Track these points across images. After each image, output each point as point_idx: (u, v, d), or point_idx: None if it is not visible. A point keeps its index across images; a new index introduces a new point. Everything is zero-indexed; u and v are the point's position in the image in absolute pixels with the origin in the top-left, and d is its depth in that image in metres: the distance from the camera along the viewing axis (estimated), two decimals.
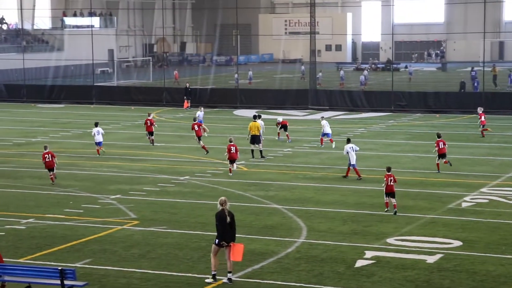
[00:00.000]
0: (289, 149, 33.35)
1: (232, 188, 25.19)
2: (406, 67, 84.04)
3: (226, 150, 27.63)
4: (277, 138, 35.55)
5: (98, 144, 32.00)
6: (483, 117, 36.46)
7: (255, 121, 31.66)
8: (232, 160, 27.51)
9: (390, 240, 18.79)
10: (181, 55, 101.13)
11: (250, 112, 35.42)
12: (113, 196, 23.96)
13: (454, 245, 18.39)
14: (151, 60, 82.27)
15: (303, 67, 66.78)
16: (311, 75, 52.12)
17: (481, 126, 36.32)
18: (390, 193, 21.65)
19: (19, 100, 55.18)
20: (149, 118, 34.13)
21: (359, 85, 60.10)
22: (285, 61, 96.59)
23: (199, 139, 32.80)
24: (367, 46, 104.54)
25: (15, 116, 44.74)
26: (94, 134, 32.04)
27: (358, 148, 26.87)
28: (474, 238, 18.89)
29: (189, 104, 50.36)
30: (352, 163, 26.27)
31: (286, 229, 20.02)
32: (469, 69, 66.77)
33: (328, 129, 33.76)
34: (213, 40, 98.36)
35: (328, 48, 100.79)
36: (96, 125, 32.34)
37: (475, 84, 55.08)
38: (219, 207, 15.63)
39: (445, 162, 27.66)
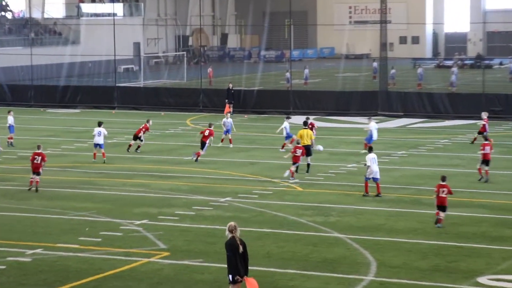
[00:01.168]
0: (353, 164, 33.14)
1: (284, 212, 25.11)
2: (501, 63, 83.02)
3: (292, 151, 30.24)
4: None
5: (98, 146, 33.77)
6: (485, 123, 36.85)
7: (306, 128, 31.95)
8: (295, 163, 30.01)
9: (482, 280, 18.46)
10: (221, 50, 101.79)
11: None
12: (138, 222, 24.08)
13: None
14: (185, 55, 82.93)
15: (375, 64, 66.41)
16: (382, 73, 51.84)
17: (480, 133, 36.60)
18: (441, 206, 22.83)
19: (25, 103, 56.16)
20: (147, 124, 36.59)
21: (445, 85, 59.50)
22: (350, 56, 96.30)
23: (202, 146, 34.04)
24: (451, 38, 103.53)
25: (21, 123, 45.51)
26: (95, 135, 33.66)
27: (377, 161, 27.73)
28: None
29: (231, 109, 50.53)
30: (375, 177, 27.11)
31: (350, 263, 19.83)
32: None
33: (375, 134, 34.02)
34: (261, 32, 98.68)
35: (403, 40, 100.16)
36: (99, 124, 33.89)
37: None
38: (228, 235, 15.79)
39: (486, 172, 29.25)
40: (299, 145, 30.40)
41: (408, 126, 45.42)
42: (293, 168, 30.12)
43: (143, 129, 36.85)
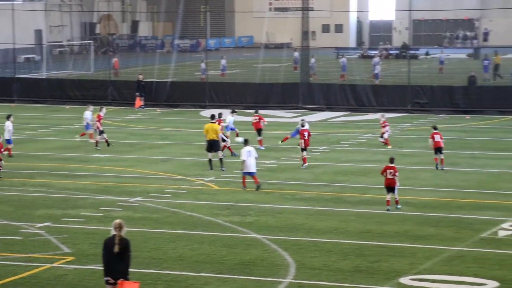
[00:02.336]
0: (273, 161, 33.48)
1: (199, 212, 25.24)
2: (427, 53, 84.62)
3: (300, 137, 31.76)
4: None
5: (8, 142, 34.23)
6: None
7: (213, 123, 32.18)
8: (303, 149, 31.86)
9: (405, 280, 18.89)
10: (132, 38, 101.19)
11: (223, 113, 35.56)
12: (40, 225, 23.88)
13: (488, 286, 18.53)
14: (92, 44, 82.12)
15: (296, 54, 66.98)
16: (303, 64, 52.36)
17: None
18: (389, 187, 24.65)
19: None
20: (101, 113, 35.69)
21: (369, 76, 60.47)
22: (269, 46, 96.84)
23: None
24: (376, 27, 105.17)
25: None
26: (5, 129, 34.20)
27: (257, 155, 28.66)
28: None
29: (142, 103, 50.39)
30: (250, 171, 27.99)
31: (268, 266, 20.06)
32: (510, 55, 67.52)
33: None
34: (174, 19, 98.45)
35: (326, 29, 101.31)
36: (8, 117, 34.82)
37: None
38: (112, 232, 15.92)
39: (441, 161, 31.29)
40: (304, 128, 32.26)
41: (330, 120, 46.05)
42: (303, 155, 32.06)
43: (99, 120, 36.36)
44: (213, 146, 31.54)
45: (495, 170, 31.34)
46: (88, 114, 37.58)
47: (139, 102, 50.41)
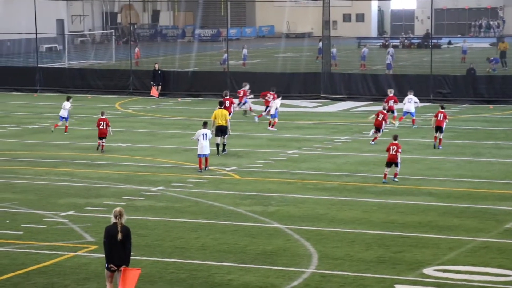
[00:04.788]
0: (294, 150, 33.47)
1: (221, 202, 25.27)
2: (449, 42, 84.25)
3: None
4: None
5: (63, 119, 37.41)
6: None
7: (221, 108, 32.96)
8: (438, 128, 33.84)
9: (428, 271, 18.84)
10: (153, 28, 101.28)
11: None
12: (64, 213, 23.99)
13: None
14: (113, 34, 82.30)
15: (320, 44, 66.44)
16: (324, 54, 52.25)
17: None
18: (390, 162, 27.01)
19: None
20: (102, 117, 33.73)
21: (385, 68, 60.17)
22: (290, 35, 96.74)
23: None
24: (398, 16, 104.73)
25: None
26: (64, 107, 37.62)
27: (211, 136, 30.03)
28: None
29: (158, 92, 50.40)
30: (205, 153, 29.40)
31: (290, 255, 20.06)
32: None
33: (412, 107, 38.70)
34: (195, 8, 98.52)
35: (347, 18, 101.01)
36: (68, 99, 38.15)
37: None
38: (112, 220, 16.11)
39: (439, 140, 33.40)
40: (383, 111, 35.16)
41: (352, 110, 45.94)
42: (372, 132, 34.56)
43: (107, 125, 34.30)
44: (222, 131, 32.17)
45: None
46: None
47: (154, 91, 50.45)
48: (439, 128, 33.17)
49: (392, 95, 39.82)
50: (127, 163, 31.37)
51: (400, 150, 27.29)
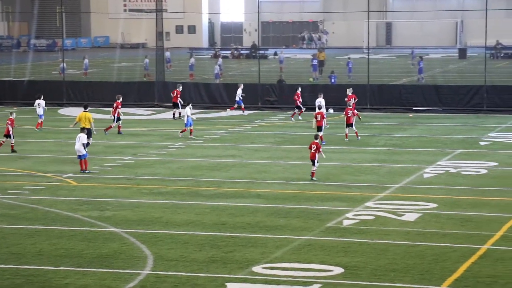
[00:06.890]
0: (130, 157, 33.23)
1: (58, 208, 24.79)
2: (275, 53, 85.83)
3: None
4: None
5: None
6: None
7: (86, 111, 33.73)
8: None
9: (257, 269, 19.13)
10: None
11: (80, 111, 35.07)
12: None
13: (334, 272, 18.96)
14: None
15: (147, 61, 65.53)
16: (158, 64, 52.09)
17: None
18: (312, 160, 28.27)
19: None
20: (12, 117, 34.53)
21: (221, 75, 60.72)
22: (125, 46, 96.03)
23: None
24: (227, 28, 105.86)
25: None
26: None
27: (85, 141, 30.18)
28: (358, 264, 19.56)
29: None
30: (79, 155, 29.71)
31: (126, 258, 19.94)
32: (347, 56, 69.54)
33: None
34: (29, 19, 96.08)
35: (179, 30, 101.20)
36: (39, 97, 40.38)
37: (349, 74, 59.42)
38: None
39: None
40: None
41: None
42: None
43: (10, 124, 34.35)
44: (88, 132, 32.54)
45: (339, 163, 32.05)
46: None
47: None
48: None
49: (350, 94, 41.07)
50: None
51: (319, 149, 28.28)
